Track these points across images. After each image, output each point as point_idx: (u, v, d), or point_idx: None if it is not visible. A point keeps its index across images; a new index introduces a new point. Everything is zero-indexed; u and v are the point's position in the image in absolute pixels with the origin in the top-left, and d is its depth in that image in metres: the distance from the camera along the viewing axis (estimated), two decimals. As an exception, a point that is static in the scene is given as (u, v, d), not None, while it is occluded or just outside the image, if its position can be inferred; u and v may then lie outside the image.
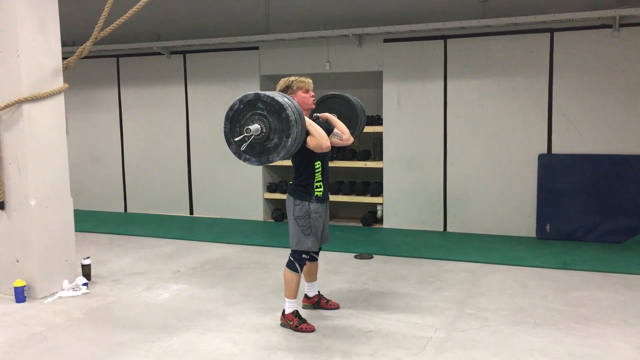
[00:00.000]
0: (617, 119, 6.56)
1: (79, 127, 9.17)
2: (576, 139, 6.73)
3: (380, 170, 7.66)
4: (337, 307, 4.64)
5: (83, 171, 9.11)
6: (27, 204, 4.91)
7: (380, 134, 7.60)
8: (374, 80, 7.71)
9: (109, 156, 9.14)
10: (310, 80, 4.26)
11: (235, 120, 3.71)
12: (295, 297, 4.26)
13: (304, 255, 4.22)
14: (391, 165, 7.56)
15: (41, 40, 4.94)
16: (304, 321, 4.21)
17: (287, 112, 3.61)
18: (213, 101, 8.37)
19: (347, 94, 4.85)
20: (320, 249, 4.49)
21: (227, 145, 3.77)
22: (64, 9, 5.35)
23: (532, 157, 6.90)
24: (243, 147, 3.65)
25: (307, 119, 3.99)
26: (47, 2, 5.00)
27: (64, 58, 5.19)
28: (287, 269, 4.24)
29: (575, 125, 6.72)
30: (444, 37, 7.16)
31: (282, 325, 4.28)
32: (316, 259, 4.55)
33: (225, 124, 3.74)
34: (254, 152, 3.71)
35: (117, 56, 8.88)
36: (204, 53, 8.35)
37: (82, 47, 5.20)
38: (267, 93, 3.66)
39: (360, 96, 8.14)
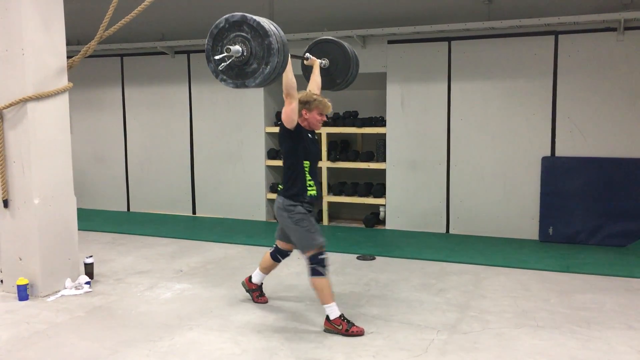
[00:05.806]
0: (621, 122, 6.55)
1: (83, 126, 9.19)
2: (580, 142, 6.71)
3: (384, 171, 7.66)
4: (266, 302, 4.78)
5: (86, 170, 9.13)
6: (31, 202, 4.92)
7: (384, 135, 7.59)
8: (378, 81, 7.70)
9: (112, 155, 9.16)
10: (330, 105, 4.25)
11: (218, 38, 3.65)
12: (333, 301, 4.17)
13: (320, 256, 4.16)
14: (394, 167, 7.55)
15: (46, 39, 4.95)
16: (353, 324, 4.13)
17: (271, 39, 3.54)
18: (217, 101, 8.37)
19: (344, 42, 4.97)
20: (288, 253, 4.66)
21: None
22: (69, 8, 5.35)
23: (536, 159, 6.89)
24: (221, 67, 3.59)
25: (290, 68, 3.91)
26: (52, 1, 5.01)
27: (68, 57, 5.20)
28: (313, 277, 4.18)
29: (579, 128, 6.71)
30: (448, 39, 7.15)
31: (328, 330, 4.16)
32: (280, 261, 4.72)
33: (207, 41, 3.68)
34: (232, 74, 3.67)
35: (122, 55, 8.90)
36: (208, 53, 8.34)
37: (86, 46, 5.21)
38: (255, 17, 3.60)
39: (364, 97, 8.20)
